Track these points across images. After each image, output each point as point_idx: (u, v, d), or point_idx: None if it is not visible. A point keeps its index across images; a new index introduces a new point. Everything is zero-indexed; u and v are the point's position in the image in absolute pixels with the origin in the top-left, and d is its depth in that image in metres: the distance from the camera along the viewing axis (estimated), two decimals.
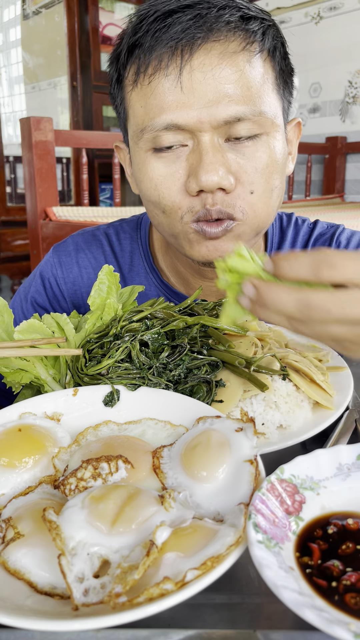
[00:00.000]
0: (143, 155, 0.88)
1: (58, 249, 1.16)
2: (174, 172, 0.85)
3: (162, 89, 0.81)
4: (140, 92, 0.84)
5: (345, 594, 0.41)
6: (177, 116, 0.81)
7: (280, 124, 0.88)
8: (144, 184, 0.89)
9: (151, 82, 0.82)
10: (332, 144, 4.21)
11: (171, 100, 0.80)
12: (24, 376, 0.76)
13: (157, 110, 0.82)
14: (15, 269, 4.46)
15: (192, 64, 0.79)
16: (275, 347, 0.78)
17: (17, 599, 0.43)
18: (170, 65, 0.80)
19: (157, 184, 0.87)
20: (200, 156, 0.81)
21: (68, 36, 4.98)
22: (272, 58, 0.86)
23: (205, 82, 0.79)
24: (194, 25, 0.78)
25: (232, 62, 0.80)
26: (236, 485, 0.51)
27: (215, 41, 0.80)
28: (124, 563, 0.43)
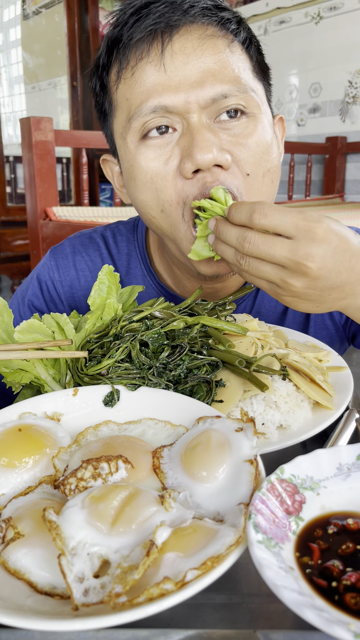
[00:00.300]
0: (133, 150, 0.86)
1: (55, 252, 1.15)
2: (167, 158, 0.83)
3: (146, 75, 0.81)
4: (124, 86, 0.85)
5: (345, 594, 0.41)
6: (164, 99, 0.81)
7: (266, 110, 0.89)
8: (139, 179, 0.86)
9: (134, 72, 0.83)
10: (332, 144, 4.21)
11: (157, 84, 0.81)
12: (24, 376, 0.76)
13: (143, 96, 0.82)
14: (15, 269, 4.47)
15: (174, 48, 0.80)
16: (275, 347, 0.78)
17: (17, 599, 0.43)
18: (152, 52, 0.81)
19: (152, 177, 0.84)
20: (192, 136, 0.80)
21: (68, 36, 4.98)
22: (248, 49, 0.87)
23: (189, 64, 0.80)
24: (170, 10, 0.80)
25: (212, 45, 0.82)
26: (236, 485, 0.51)
27: (193, 23, 0.81)
28: (124, 563, 0.43)
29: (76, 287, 1.12)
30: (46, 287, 1.13)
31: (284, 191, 4.55)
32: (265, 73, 0.93)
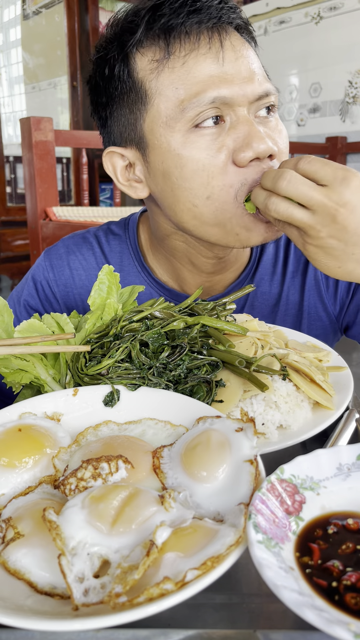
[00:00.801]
0: (181, 138, 0.86)
1: (49, 252, 1.17)
2: (219, 147, 0.85)
3: (201, 67, 0.84)
4: (171, 75, 0.85)
5: (345, 594, 0.41)
6: (223, 90, 0.83)
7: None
8: (187, 168, 0.86)
9: (186, 62, 0.84)
10: (332, 144, 4.21)
11: (214, 76, 0.84)
12: (24, 376, 0.76)
13: (200, 87, 0.83)
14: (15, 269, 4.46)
15: (227, 44, 0.85)
16: (275, 347, 0.78)
17: (17, 599, 0.43)
18: (211, 43, 0.84)
19: (205, 164, 0.85)
20: (247, 128, 0.85)
21: (68, 36, 4.99)
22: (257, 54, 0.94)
23: (239, 61, 0.86)
24: (223, 9, 0.85)
25: (248, 45, 0.89)
26: (236, 485, 0.51)
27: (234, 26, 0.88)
28: (124, 563, 0.43)
29: (71, 287, 1.13)
30: (41, 287, 1.14)
31: None
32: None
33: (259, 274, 1.09)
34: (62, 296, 1.14)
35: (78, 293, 1.13)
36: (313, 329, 1.07)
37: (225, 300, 0.87)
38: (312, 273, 1.07)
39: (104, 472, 0.52)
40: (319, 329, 1.07)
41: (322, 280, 1.06)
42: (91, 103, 0.99)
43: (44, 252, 1.18)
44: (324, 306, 1.07)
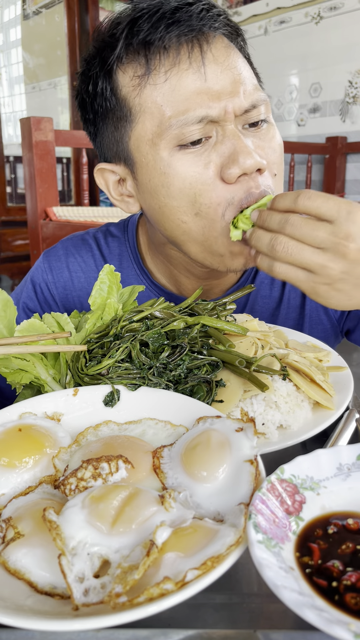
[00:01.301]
0: (167, 157, 0.84)
1: (48, 254, 1.16)
2: (206, 164, 0.83)
3: (185, 83, 0.81)
4: (154, 92, 0.82)
5: (345, 594, 0.41)
6: (209, 109, 0.81)
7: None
8: (174, 186, 0.85)
9: (168, 78, 0.81)
10: (332, 144, 4.21)
11: (200, 93, 0.81)
12: (24, 376, 0.76)
13: (186, 105, 0.81)
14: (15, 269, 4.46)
15: (210, 56, 0.82)
16: (275, 347, 0.78)
17: (17, 599, 0.43)
18: (192, 58, 0.81)
19: (191, 182, 0.84)
20: (233, 143, 0.83)
21: (68, 36, 4.98)
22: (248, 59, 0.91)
23: (224, 73, 0.83)
24: (205, 17, 0.82)
25: (234, 53, 0.85)
26: (236, 485, 0.51)
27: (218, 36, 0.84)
28: (124, 563, 0.43)
29: (70, 289, 1.13)
30: (40, 289, 1.14)
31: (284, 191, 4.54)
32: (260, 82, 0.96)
33: (259, 277, 1.08)
34: (61, 298, 1.14)
35: (77, 295, 1.13)
36: (314, 332, 1.07)
37: (226, 300, 0.87)
38: None
39: (104, 472, 0.52)
40: (320, 332, 1.07)
41: None
42: (80, 118, 0.99)
43: (43, 254, 1.18)
44: (325, 310, 1.06)
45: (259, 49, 4.57)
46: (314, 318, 1.07)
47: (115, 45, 0.84)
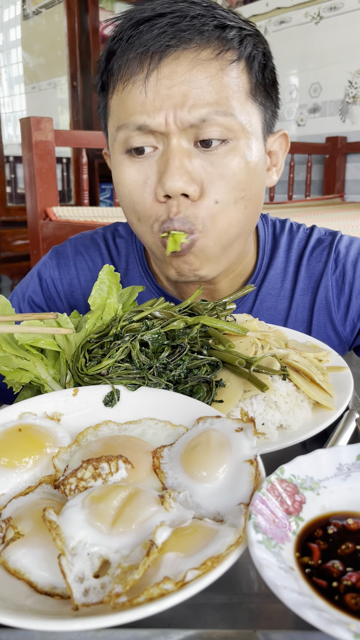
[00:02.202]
0: (119, 158, 0.89)
1: (56, 251, 1.17)
2: (146, 177, 0.85)
3: (133, 94, 0.83)
4: (117, 98, 0.86)
5: (345, 594, 0.41)
6: (147, 118, 0.82)
7: (253, 131, 0.87)
8: (119, 188, 0.90)
9: (125, 87, 0.84)
10: (332, 144, 4.21)
11: (141, 104, 0.82)
12: (24, 376, 0.76)
13: (130, 112, 0.83)
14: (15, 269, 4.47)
15: (160, 72, 0.80)
16: (275, 347, 0.78)
17: (17, 599, 0.43)
18: (139, 73, 0.82)
19: (130, 190, 0.87)
20: (167, 160, 0.82)
21: (68, 36, 4.98)
22: (250, 68, 0.85)
23: (173, 88, 0.80)
24: (165, 32, 0.79)
25: (202, 69, 0.81)
26: (236, 485, 0.51)
27: (186, 49, 0.80)
28: (124, 563, 0.43)
29: (76, 287, 1.13)
30: (46, 284, 1.14)
31: (284, 191, 4.55)
32: (270, 91, 0.91)
33: (264, 288, 1.07)
34: (67, 295, 1.14)
35: (83, 294, 1.13)
36: None
37: (225, 300, 0.87)
38: (324, 292, 1.04)
39: (104, 472, 0.52)
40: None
41: (333, 301, 1.04)
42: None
43: (52, 250, 1.18)
44: (333, 326, 1.05)
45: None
46: (321, 333, 1.05)
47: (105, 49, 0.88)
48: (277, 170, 1.00)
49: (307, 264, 1.07)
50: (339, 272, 1.05)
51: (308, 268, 1.07)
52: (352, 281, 1.04)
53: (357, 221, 2.84)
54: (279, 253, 1.08)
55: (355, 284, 1.04)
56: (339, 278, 1.05)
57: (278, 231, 1.11)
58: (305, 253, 1.07)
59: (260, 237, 1.09)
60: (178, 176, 0.81)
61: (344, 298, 1.04)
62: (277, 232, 1.11)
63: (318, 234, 1.10)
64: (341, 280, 1.05)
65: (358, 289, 1.04)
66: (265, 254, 1.08)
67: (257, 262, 1.07)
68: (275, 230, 1.12)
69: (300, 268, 1.07)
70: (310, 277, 1.06)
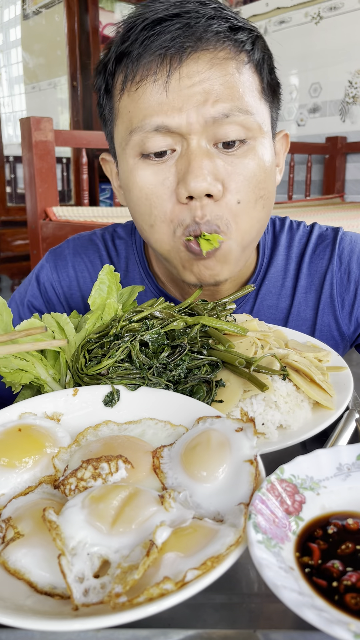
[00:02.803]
0: (131, 162, 0.87)
1: (54, 253, 1.16)
2: (164, 179, 0.84)
3: (150, 94, 0.82)
4: (128, 99, 0.85)
5: (345, 594, 0.41)
6: (167, 118, 0.81)
7: (267, 131, 0.88)
8: (133, 193, 0.88)
9: (139, 88, 0.83)
10: (332, 144, 4.21)
11: (159, 104, 0.81)
12: (24, 376, 0.76)
13: (146, 112, 0.82)
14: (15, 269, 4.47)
15: (181, 72, 0.80)
16: (275, 347, 0.78)
17: (17, 599, 0.43)
18: (159, 73, 0.81)
19: (147, 194, 0.86)
20: (189, 161, 0.81)
21: (68, 36, 4.98)
22: (260, 70, 0.87)
23: (194, 87, 0.80)
24: (183, 34, 0.79)
25: (221, 68, 0.81)
26: (236, 485, 0.51)
27: (205, 50, 0.81)
28: (124, 563, 0.43)
29: (74, 288, 1.13)
30: (45, 288, 1.14)
31: (284, 191, 4.55)
32: (276, 92, 0.92)
33: (265, 286, 1.06)
34: (66, 297, 1.13)
35: (81, 295, 1.13)
36: None
37: (225, 300, 0.87)
38: (328, 291, 1.04)
39: (104, 472, 0.52)
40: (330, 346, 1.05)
41: (337, 299, 1.04)
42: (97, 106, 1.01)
43: (49, 253, 1.17)
44: (337, 325, 1.04)
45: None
46: (325, 332, 1.05)
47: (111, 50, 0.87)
48: (280, 170, 1.00)
49: (309, 261, 1.06)
50: (344, 269, 1.04)
51: (311, 265, 1.06)
52: (358, 279, 1.03)
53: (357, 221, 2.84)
54: (279, 251, 1.08)
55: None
56: (344, 276, 1.04)
57: (278, 229, 1.11)
58: (307, 250, 1.07)
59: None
60: (202, 176, 0.80)
61: (349, 296, 1.04)
62: (276, 230, 1.11)
63: (319, 230, 1.10)
64: (346, 278, 1.04)
65: None
66: (265, 252, 1.08)
67: (258, 261, 1.07)
68: (275, 228, 1.11)
69: (302, 266, 1.06)
70: (313, 275, 1.06)
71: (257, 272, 1.06)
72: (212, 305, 0.82)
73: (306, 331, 1.05)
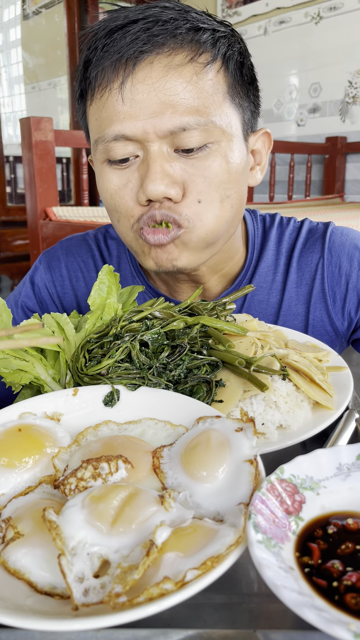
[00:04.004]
0: (100, 166, 0.90)
1: (47, 254, 1.18)
2: (127, 182, 0.86)
3: (109, 102, 0.83)
4: (94, 106, 0.87)
5: (345, 594, 0.41)
6: (123, 127, 0.82)
7: (233, 132, 0.87)
8: (102, 194, 0.92)
9: (102, 96, 0.84)
10: (332, 144, 4.21)
11: (117, 112, 0.82)
12: (24, 376, 0.76)
13: (106, 122, 0.84)
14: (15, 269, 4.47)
15: (135, 77, 0.80)
16: (275, 347, 0.78)
17: (17, 599, 0.43)
18: (115, 80, 0.81)
19: (112, 194, 0.89)
20: (147, 166, 0.83)
21: (68, 36, 4.99)
22: (226, 68, 0.85)
23: (149, 94, 0.80)
24: (139, 39, 0.79)
25: (177, 74, 0.80)
26: (236, 485, 0.51)
27: (160, 54, 0.80)
28: (124, 563, 0.43)
29: (67, 288, 1.14)
30: (38, 288, 1.15)
31: (283, 191, 4.55)
32: (249, 90, 0.90)
33: (255, 281, 1.07)
34: (59, 297, 1.14)
35: (75, 295, 1.14)
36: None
37: (225, 300, 0.87)
38: (319, 285, 1.04)
39: (103, 472, 0.52)
40: (325, 342, 1.05)
41: (328, 293, 1.03)
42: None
43: (42, 254, 1.18)
44: (330, 320, 1.04)
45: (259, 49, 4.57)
46: (318, 328, 1.05)
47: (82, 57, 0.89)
48: (262, 169, 1.00)
49: (299, 255, 1.06)
50: (334, 262, 1.04)
51: (301, 259, 1.06)
52: (349, 273, 1.03)
53: (357, 221, 2.84)
54: (268, 246, 1.08)
55: (352, 276, 1.03)
56: (335, 269, 1.04)
57: (268, 225, 1.11)
58: (297, 245, 1.07)
59: (249, 233, 1.09)
60: (159, 180, 0.81)
61: (340, 290, 1.03)
62: (266, 226, 1.11)
63: (310, 225, 1.10)
64: (337, 272, 1.03)
65: (355, 281, 1.02)
66: (255, 248, 1.08)
67: (247, 258, 1.07)
68: (265, 224, 1.12)
69: (292, 260, 1.06)
70: (303, 269, 1.06)
71: (247, 267, 1.07)
72: (212, 305, 0.82)
73: (299, 326, 1.05)
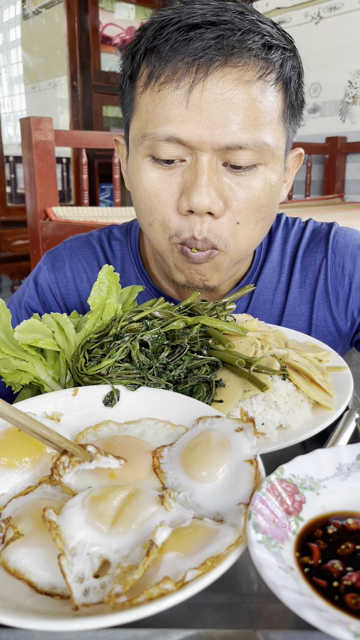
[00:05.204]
0: (140, 161, 0.87)
1: (51, 254, 1.17)
2: (168, 186, 0.84)
3: (170, 100, 0.80)
4: (149, 97, 0.83)
5: (345, 594, 0.41)
6: (180, 130, 0.80)
7: (281, 155, 0.87)
8: (138, 191, 0.88)
9: (161, 90, 0.81)
10: (332, 144, 4.22)
11: (177, 114, 0.80)
12: (24, 376, 0.76)
13: (161, 120, 0.81)
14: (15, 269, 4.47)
15: (205, 84, 0.78)
16: (275, 347, 0.78)
17: (17, 599, 0.43)
18: (183, 80, 0.79)
19: (150, 195, 0.86)
20: (195, 175, 0.81)
21: (68, 36, 4.99)
22: (286, 90, 0.85)
23: (215, 104, 0.78)
24: (215, 46, 0.77)
25: (245, 90, 0.79)
26: (236, 485, 0.51)
27: (233, 67, 0.78)
28: (124, 563, 0.43)
29: (71, 289, 1.14)
30: (42, 289, 1.14)
31: None
32: (297, 112, 0.90)
33: (261, 282, 1.07)
34: (63, 298, 1.14)
35: (79, 296, 1.13)
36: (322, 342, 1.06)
37: (225, 300, 0.87)
38: (323, 286, 1.04)
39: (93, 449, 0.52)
40: (328, 342, 1.05)
41: (332, 294, 1.03)
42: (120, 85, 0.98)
43: (46, 255, 1.18)
44: (333, 321, 1.04)
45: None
46: (321, 328, 1.05)
47: (142, 40, 0.84)
48: (287, 186, 0.99)
49: (303, 256, 1.07)
50: (338, 263, 1.04)
51: (304, 260, 1.06)
52: (352, 273, 1.03)
53: (357, 221, 2.84)
54: (274, 247, 1.08)
55: (355, 276, 1.03)
56: (338, 270, 1.04)
57: (274, 226, 1.12)
58: (301, 245, 1.07)
59: None
60: (206, 194, 0.80)
61: (344, 291, 1.04)
62: (272, 227, 1.11)
63: (314, 225, 1.11)
64: (340, 272, 1.04)
65: (358, 282, 1.03)
66: (261, 249, 1.09)
67: (254, 259, 1.08)
68: (271, 226, 1.11)
69: (296, 260, 1.06)
70: (307, 269, 1.06)
71: (253, 269, 1.07)
72: (212, 305, 0.82)
73: (302, 326, 1.06)
